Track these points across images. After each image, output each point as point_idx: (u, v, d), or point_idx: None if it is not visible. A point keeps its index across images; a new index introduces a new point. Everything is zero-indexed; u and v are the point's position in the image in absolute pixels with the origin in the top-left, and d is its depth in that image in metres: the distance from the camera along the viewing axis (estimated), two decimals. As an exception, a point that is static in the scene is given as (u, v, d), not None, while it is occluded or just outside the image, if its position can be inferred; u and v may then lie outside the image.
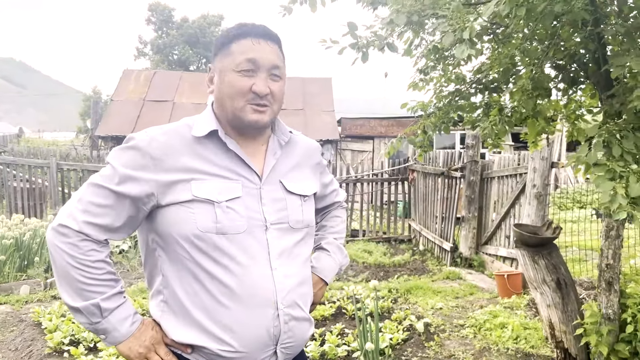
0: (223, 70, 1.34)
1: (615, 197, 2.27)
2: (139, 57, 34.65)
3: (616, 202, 2.25)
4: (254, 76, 1.33)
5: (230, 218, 1.29)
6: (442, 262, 6.98)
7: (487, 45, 3.68)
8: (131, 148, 1.29)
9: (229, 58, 1.33)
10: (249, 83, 1.32)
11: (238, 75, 1.32)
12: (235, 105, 1.33)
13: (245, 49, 1.32)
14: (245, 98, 1.33)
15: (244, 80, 1.32)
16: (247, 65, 1.32)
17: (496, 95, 3.69)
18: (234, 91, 1.32)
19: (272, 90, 1.35)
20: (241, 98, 1.33)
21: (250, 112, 1.33)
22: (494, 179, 6.45)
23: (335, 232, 1.72)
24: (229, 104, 1.34)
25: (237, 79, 1.32)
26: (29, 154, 9.60)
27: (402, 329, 4.09)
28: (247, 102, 1.33)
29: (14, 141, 20.22)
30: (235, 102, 1.33)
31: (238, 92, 1.32)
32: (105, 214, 1.26)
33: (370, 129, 15.37)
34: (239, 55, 1.32)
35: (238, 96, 1.32)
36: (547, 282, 3.25)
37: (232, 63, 1.33)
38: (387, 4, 3.05)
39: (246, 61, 1.32)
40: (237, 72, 1.32)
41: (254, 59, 1.32)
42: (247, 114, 1.33)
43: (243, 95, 1.32)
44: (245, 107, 1.33)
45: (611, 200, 2.27)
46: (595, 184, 2.42)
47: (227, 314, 1.28)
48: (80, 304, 1.24)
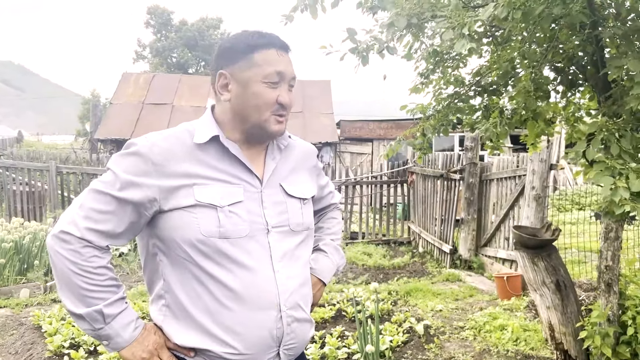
0: (247, 81, 1.34)
1: (616, 191, 2.29)
2: (138, 60, 34.68)
3: (618, 196, 2.27)
4: (278, 87, 1.35)
5: (233, 222, 1.30)
6: (441, 264, 6.98)
7: (486, 47, 3.70)
8: (133, 154, 1.29)
9: (255, 69, 1.33)
10: (275, 94, 1.35)
11: (265, 86, 1.34)
12: (261, 117, 1.35)
13: (272, 61, 1.34)
14: (271, 109, 1.35)
15: (270, 92, 1.34)
16: (275, 77, 1.34)
17: (495, 98, 3.70)
18: (262, 102, 1.34)
19: (290, 100, 1.39)
20: (268, 109, 1.35)
21: (274, 123, 1.37)
22: (493, 181, 6.47)
23: (332, 234, 1.74)
24: (255, 114, 1.35)
25: (264, 90, 1.34)
26: (29, 157, 9.60)
27: (402, 331, 4.10)
28: (272, 113, 1.36)
29: (14, 145, 20.19)
30: (262, 113, 1.35)
31: (266, 103, 1.34)
32: (107, 220, 1.26)
33: (369, 131, 15.39)
34: (267, 66, 1.33)
35: (265, 107, 1.35)
36: (547, 284, 3.26)
37: (259, 74, 1.33)
38: (386, 8, 3.07)
39: (275, 73, 1.34)
40: (264, 83, 1.34)
41: (282, 72, 1.35)
42: (271, 124, 1.36)
43: (270, 107, 1.35)
44: (270, 118, 1.36)
45: (613, 194, 2.29)
46: (596, 180, 2.44)
47: (230, 316, 1.29)
48: (83, 310, 1.24)
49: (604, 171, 2.42)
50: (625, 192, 2.28)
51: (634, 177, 2.32)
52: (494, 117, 3.53)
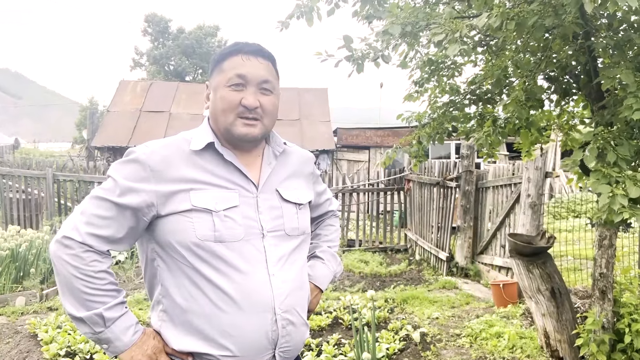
0: (216, 87, 1.41)
1: (614, 199, 2.31)
2: (135, 67, 34.70)
3: (616, 204, 2.30)
4: (243, 90, 1.38)
5: (228, 226, 1.33)
6: (438, 272, 6.99)
7: (480, 56, 3.74)
8: (132, 161, 1.33)
9: (222, 75, 1.40)
10: (239, 97, 1.38)
11: (228, 90, 1.38)
12: (226, 120, 1.39)
13: (235, 65, 1.39)
14: (235, 112, 1.38)
15: (233, 95, 1.38)
16: (236, 79, 1.37)
17: (490, 107, 3.74)
18: (225, 105, 1.38)
19: (262, 103, 1.40)
20: (231, 112, 1.38)
21: (240, 126, 1.38)
22: (489, 188, 6.49)
23: (329, 241, 1.76)
24: (222, 118, 1.39)
25: (227, 93, 1.38)
26: (25, 164, 9.58)
27: (398, 338, 4.10)
28: (237, 115, 1.38)
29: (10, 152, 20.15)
30: (227, 116, 1.38)
31: (228, 106, 1.38)
32: (107, 226, 1.29)
33: (366, 139, 15.43)
34: (230, 71, 1.38)
35: (229, 110, 1.38)
36: (542, 291, 3.27)
37: (223, 79, 1.39)
38: (382, 17, 3.11)
39: (236, 76, 1.37)
40: (227, 87, 1.38)
41: (242, 74, 1.38)
42: (237, 127, 1.38)
43: (233, 109, 1.38)
44: (236, 121, 1.38)
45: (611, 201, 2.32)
46: (593, 188, 2.46)
47: (226, 319, 1.31)
48: (84, 314, 1.26)
49: (600, 179, 2.44)
50: (624, 199, 2.31)
51: (631, 184, 2.34)
52: (488, 125, 3.56)
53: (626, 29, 2.79)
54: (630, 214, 2.31)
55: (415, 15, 2.78)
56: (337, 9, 3.18)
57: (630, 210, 2.31)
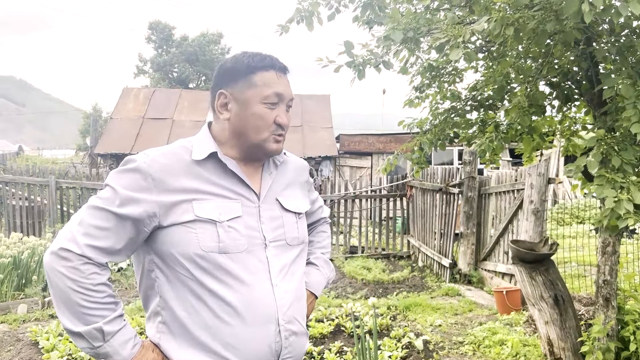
0: (247, 101, 1.38)
1: (620, 204, 2.29)
2: (139, 74, 34.80)
3: (621, 209, 2.28)
4: (276, 108, 1.40)
5: (232, 237, 1.32)
6: (441, 279, 6.95)
7: (481, 62, 3.74)
8: (132, 170, 1.30)
9: (255, 89, 1.38)
10: (274, 115, 1.39)
11: (264, 107, 1.38)
12: (259, 136, 1.39)
13: (271, 82, 1.39)
14: (270, 130, 1.39)
15: (269, 113, 1.39)
16: (274, 98, 1.39)
17: (491, 112, 3.72)
18: (261, 123, 1.39)
19: (288, 121, 1.44)
20: (267, 129, 1.39)
21: (273, 142, 1.41)
22: (491, 194, 6.47)
23: (322, 247, 1.77)
24: (254, 134, 1.39)
25: (264, 111, 1.38)
26: (28, 172, 9.59)
27: (401, 346, 4.07)
28: (271, 133, 1.40)
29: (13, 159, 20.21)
30: (261, 133, 1.39)
31: (264, 124, 1.39)
32: (106, 237, 1.26)
33: (369, 145, 15.42)
34: (266, 88, 1.38)
35: (264, 127, 1.39)
36: (545, 299, 3.24)
37: (258, 95, 1.38)
38: (382, 23, 3.11)
39: (274, 95, 1.38)
40: (263, 104, 1.38)
41: (280, 93, 1.40)
42: (270, 144, 1.41)
43: (269, 127, 1.39)
44: (269, 138, 1.40)
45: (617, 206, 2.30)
46: (597, 194, 2.44)
47: (230, 331, 1.30)
48: (82, 328, 1.23)
49: (604, 185, 2.42)
50: (629, 204, 2.29)
51: (636, 190, 2.33)
52: (489, 131, 3.55)
53: (628, 34, 2.78)
54: (635, 220, 2.29)
55: (416, 20, 2.78)
56: (337, 13, 3.18)
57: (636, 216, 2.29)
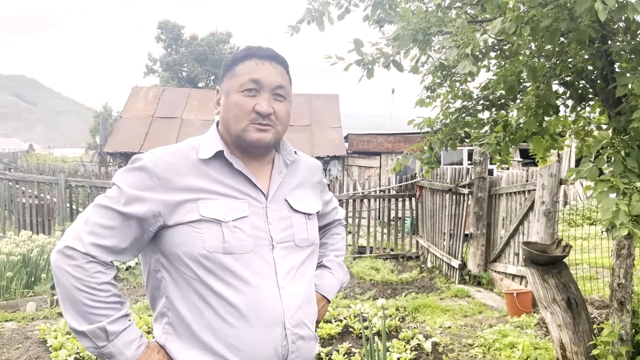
0: (228, 92, 1.37)
1: (617, 214, 2.24)
2: (149, 74, 34.98)
3: (618, 219, 2.22)
4: (257, 96, 1.35)
5: (238, 238, 1.29)
6: (450, 280, 6.90)
7: (493, 61, 3.68)
8: (138, 169, 1.29)
9: (234, 79, 1.36)
10: (252, 103, 1.34)
11: (242, 95, 1.34)
12: (238, 126, 1.35)
13: (249, 70, 1.35)
14: (248, 118, 1.34)
15: (247, 101, 1.34)
16: (250, 85, 1.34)
17: (503, 112, 3.67)
18: (238, 111, 1.34)
19: (275, 110, 1.36)
20: (245, 118, 1.34)
21: (253, 131, 1.35)
22: (502, 195, 6.40)
23: (335, 250, 1.72)
24: (234, 124, 1.35)
25: (241, 99, 1.34)
26: (38, 170, 9.65)
27: (409, 348, 4.03)
28: (250, 122, 1.34)
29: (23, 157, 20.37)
30: (239, 123, 1.35)
31: (241, 112, 1.34)
32: (111, 236, 1.25)
33: (377, 144, 15.36)
34: (243, 75, 1.35)
35: (241, 116, 1.34)
36: (558, 302, 3.19)
37: (236, 84, 1.35)
38: (393, 22, 3.06)
39: (250, 81, 1.34)
40: (240, 93, 1.34)
41: (257, 79, 1.34)
42: (249, 133, 1.35)
43: (246, 115, 1.34)
44: (248, 127, 1.34)
45: (613, 217, 2.24)
46: (598, 200, 2.39)
47: (234, 333, 1.27)
48: (86, 327, 1.22)
49: (607, 190, 2.37)
50: (626, 216, 2.23)
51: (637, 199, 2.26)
52: (497, 131, 3.49)
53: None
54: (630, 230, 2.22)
55: (427, 19, 2.73)
56: (347, 13, 3.14)
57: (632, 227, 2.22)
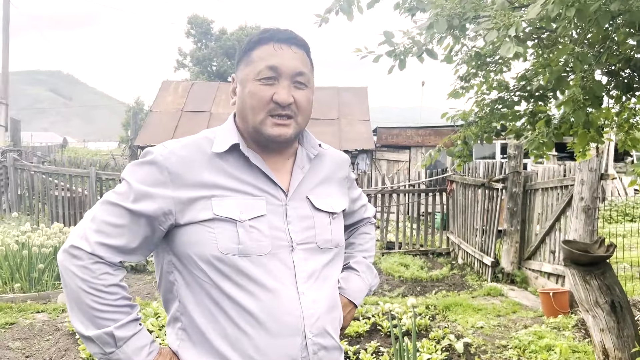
0: (244, 80, 1.25)
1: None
2: (179, 68, 35.33)
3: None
4: (275, 84, 1.22)
5: (254, 238, 1.18)
6: (482, 278, 6.71)
7: (531, 51, 3.49)
8: (148, 163, 1.19)
9: (250, 66, 1.24)
10: (270, 92, 1.21)
11: (258, 84, 1.21)
12: (256, 118, 1.22)
13: (266, 55, 1.22)
14: (266, 109, 1.21)
15: (264, 90, 1.21)
16: (268, 72, 1.21)
17: (542, 104, 3.49)
18: (255, 102, 1.22)
19: (296, 99, 1.23)
20: (262, 109, 1.21)
21: (271, 126, 1.22)
22: (537, 190, 6.17)
23: (364, 250, 1.58)
24: (250, 116, 1.23)
25: (257, 88, 1.21)
26: (70, 163, 9.83)
27: (440, 348, 3.89)
28: (268, 113, 1.21)
29: (57, 151, 20.87)
30: (256, 114, 1.22)
31: (258, 103, 1.21)
32: (119, 235, 1.16)
33: (407, 138, 15.12)
34: (260, 62, 1.22)
35: (259, 107, 1.22)
36: (600, 305, 3.01)
37: (252, 71, 1.23)
38: (425, 9, 2.92)
39: (267, 68, 1.21)
40: (257, 81, 1.22)
41: (275, 66, 1.21)
42: (267, 127, 1.22)
43: (264, 106, 1.21)
44: (266, 120, 1.22)
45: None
46: None
47: (250, 342, 1.17)
48: (93, 332, 1.14)
49: None
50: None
51: None
52: (540, 126, 3.31)
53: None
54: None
55: (462, 5, 2.59)
56: (377, 2, 3.01)
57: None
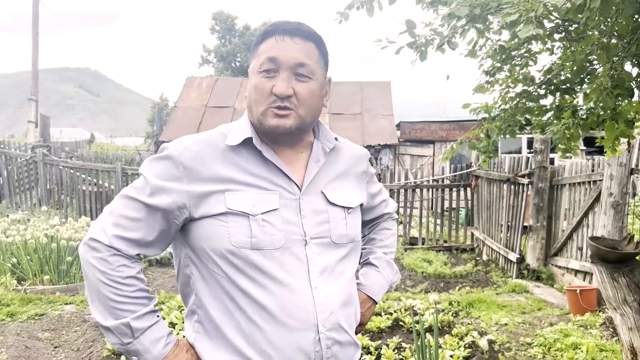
0: (251, 74, 1.28)
1: None
2: (203, 64, 35.67)
3: None
4: (275, 76, 1.22)
5: (267, 232, 1.19)
6: (507, 274, 6.61)
7: (558, 44, 3.41)
8: (164, 158, 1.22)
9: (255, 60, 1.26)
10: (270, 84, 1.22)
11: (260, 76, 1.23)
12: (259, 110, 1.24)
13: (268, 48, 1.23)
14: (267, 101, 1.22)
15: (265, 82, 1.22)
16: (268, 64, 1.22)
17: (568, 97, 3.40)
18: (257, 94, 1.23)
19: (296, 91, 1.22)
20: (264, 101, 1.23)
21: (271, 117, 1.23)
22: (564, 186, 6.05)
23: (384, 246, 1.57)
24: (254, 108, 1.25)
25: (259, 80, 1.23)
26: (97, 158, 10.04)
27: (463, 345, 3.86)
28: (269, 105, 1.22)
29: (85, 146, 21.31)
30: (259, 106, 1.23)
31: (260, 95, 1.23)
32: (136, 228, 1.19)
33: (431, 132, 14.97)
34: (262, 55, 1.23)
35: (260, 99, 1.23)
36: (629, 303, 2.93)
37: (256, 64, 1.25)
38: (447, 2, 2.87)
39: (267, 60, 1.22)
40: (259, 74, 1.23)
41: (274, 57, 1.22)
42: (268, 119, 1.23)
43: (265, 98, 1.22)
44: (267, 112, 1.23)
45: None
46: None
47: (263, 336, 1.18)
48: (111, 323, 1.18)
49: None
50: None
51: None
52: (566, 117, 3.24)
53: None
54: None
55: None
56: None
57: None
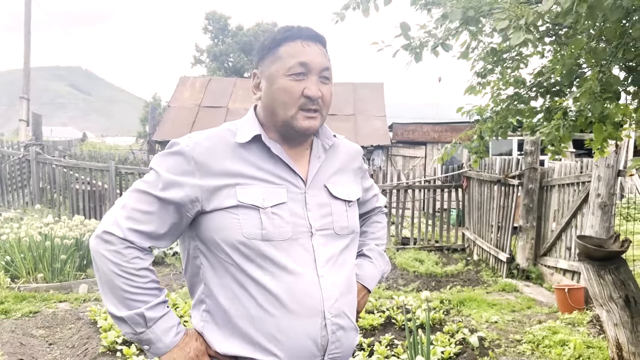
0: (273, 76, 1.30)
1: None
2: (196, 64, 35.61)
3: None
4: (305, 80, 1.29)
5: (276, 224, 1.26)
6: (497, 273, 6.71)
7: (548, 47, 3.50)
8: (175, 153, 1.27)
9: (279, 62, 1.30)
10: (301, 87, 1.28)
11: (289, 79, 1.28)
12: (287, 112, 1.29)
13: (295, 52, 1.29)
14: (297, 104, 1.29)
15: (295, 85, 1.28)
16: (299, 68, 1.28)
17: (558, 99, 3.49)
18: (287, 97, 1.29)
19: (323, 93, 1.30)
20: (294, 104, 1.29)
21: (302, 119, 1.29)
22: (554, 187, 6.15)
23: (376, 238, 1.66)
24: (281, 111, 1.30)
25: (288, 84, 1.28)
26: (90, 157, 10.02)
27: (454, 342, 3.93)
28: (299, 107, 1.29)
29: (77, 145, 21.21)
30: (288, 109, 1.29)
31: (291, 98, 1.28)
32: (149, 221, 1.24)
33: (423, 134, 15.09)
34: (290, 58, 1.28)
35: (291, 102, 1.29)
36: (614, 299, 3.02)
37: (282, 67, 1.29)
38: (441, 4, 2.95)
39: (298, 65, 1.28)
40: (288, 77, 1.28)
41: (305, 62, 1.28)
42: (299, 121, 1.29)
43: (295, 101, 1.28)
44: (297, 114, 1.29)
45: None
46: None
47: (273, 322, 1.24)
48: (125, 313, 1.22)
49: None
50: None
51: None
52: (557, 118, 3.32)
53: None
54: None
55: (478, 0, 2.61)
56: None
57: None
